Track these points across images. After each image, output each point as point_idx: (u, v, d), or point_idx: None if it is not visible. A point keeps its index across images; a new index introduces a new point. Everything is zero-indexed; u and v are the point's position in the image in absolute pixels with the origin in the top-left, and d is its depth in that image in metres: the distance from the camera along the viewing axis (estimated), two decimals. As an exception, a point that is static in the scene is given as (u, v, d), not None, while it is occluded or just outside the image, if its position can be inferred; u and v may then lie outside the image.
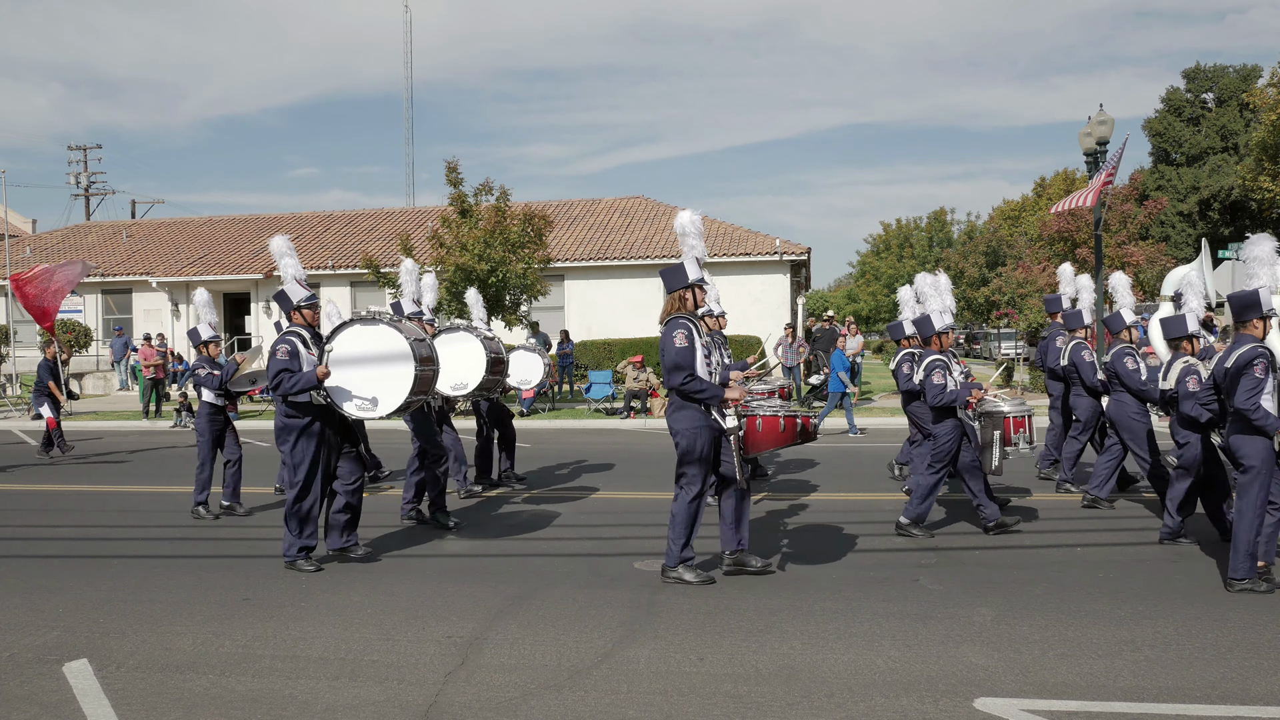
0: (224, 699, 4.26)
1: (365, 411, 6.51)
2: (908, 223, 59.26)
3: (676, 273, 6.07)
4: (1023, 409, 7.71)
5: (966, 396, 7.29)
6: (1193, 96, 47.66)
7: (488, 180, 20.42)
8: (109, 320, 29.58)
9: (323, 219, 33.86)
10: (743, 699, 4.16)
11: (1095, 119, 17.26)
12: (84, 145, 46.86)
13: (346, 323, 6.64)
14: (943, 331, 7.65)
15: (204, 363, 8.80)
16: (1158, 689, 4.20)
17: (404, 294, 8.69)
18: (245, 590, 6.09)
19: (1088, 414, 9.00)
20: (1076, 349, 8.98)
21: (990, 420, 7.65)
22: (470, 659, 4.72)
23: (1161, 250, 29.52)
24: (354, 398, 6.51)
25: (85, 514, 9.19)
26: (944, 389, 7.27)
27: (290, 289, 6.84)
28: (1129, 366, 7.98)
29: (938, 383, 7.30)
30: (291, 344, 6.53)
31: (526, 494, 9.68)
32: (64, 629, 5.31)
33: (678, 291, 6.06)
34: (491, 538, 7.69)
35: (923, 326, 7.79)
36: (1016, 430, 7.63)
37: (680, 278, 6.04)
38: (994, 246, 41.19)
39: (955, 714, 3.96)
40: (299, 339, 6.60)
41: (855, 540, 7.25)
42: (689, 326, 5.87)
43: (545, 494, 9.67)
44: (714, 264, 26.31)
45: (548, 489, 9.94)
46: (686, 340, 5.80)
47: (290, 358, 6.47)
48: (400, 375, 6.46)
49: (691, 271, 6.02)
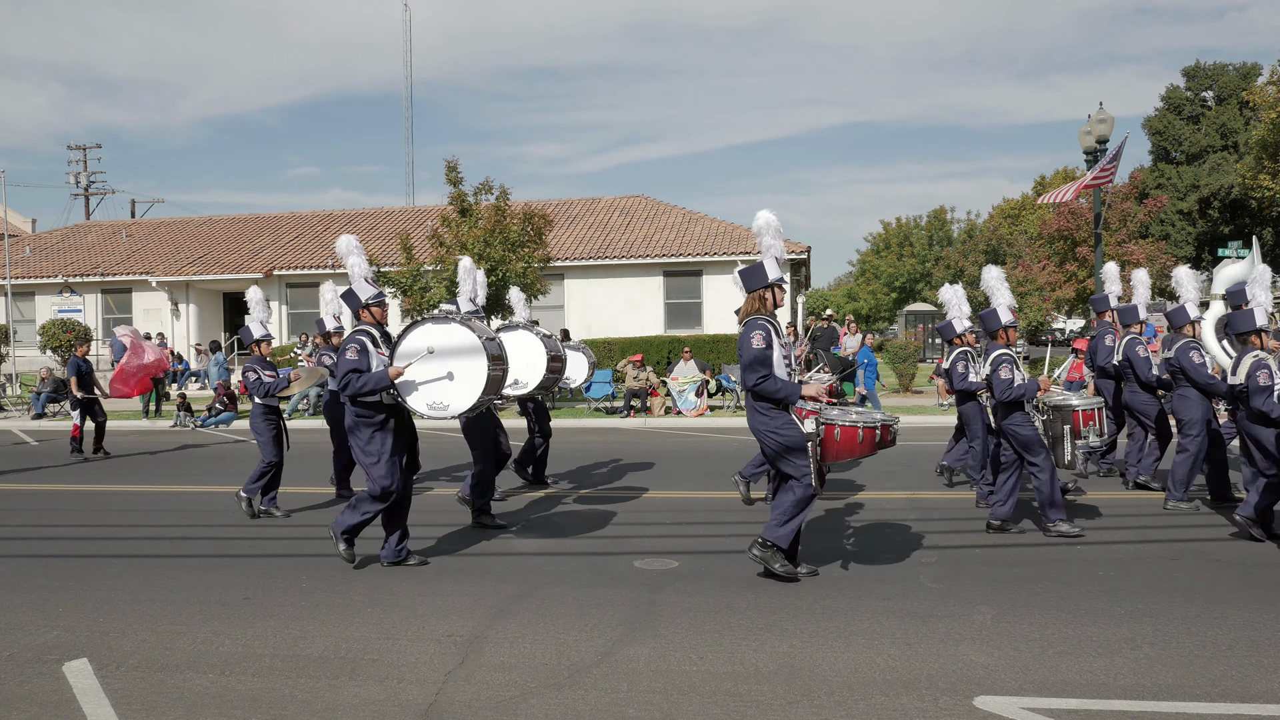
0: (224, 698, 4.26)
1: (437, 412, 6.39)
2: (908, 221, 59.22)
3: (756, 272, 6.00)
4: (1092, 402, 7.59)
5: (1035, 390, 7.25)
6: (1192, 95, 47.66)
7: (487, 179, 20.47)
8: (109, 320, 29.58)
9: (323, 218, 33.88)
10: (743, 697, 4.16)
11: (1095, 117, 17.27)
12: (84, 145, 46.96)
13: (418, 321, 6.54)
14: (1009, 326, 7.60)
15: (256, 364, 8.63)
16: (1158, 687, 4.20)
17: (461, 293, 8.40)
18: (245, 589, 6.09)
19: (1152, 410, 8.89)
20: (1131, 344, 8.88)
21: (1059, 414, 7.51)
22: (470, 658, 4.72)
23: (1161, 249, 29.53)
24: (425, 398, 6.39)
25: (85, 513, 9.19)
26: (1011, 383, 7.18)
27: (358, 287, 6.72)
28: (1195, 360, 7.93)
29: (1005, 377, 7.21)
30: (361, 343, 6.42)
31: (526, 493, 9.67)
32: (64, 628, 5.31)
33: (757, 291, 5.99)
34: (491, 537, 7.69)
35: (989, 321, 7.68)
36: (1086, 423, 7.48)
37: (759, 277, 5.98)
38: (994, 245, 41.20)
39: (955, 712, 3.96)
40: (368, 337, 6.49)
41: (855, 539, 7.25)
42: (768, 327, 5.80)
43: (546, 493, 9.66)
44: (713, 262, 26.34)
45: (548, 488, 9.93)
46: (764, 341, 5.74)
47: (360, 356, 6.36)
48: (473, 375, 6.34)
49: (771, 271, 5.95)
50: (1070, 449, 7.45)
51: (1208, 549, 6.75)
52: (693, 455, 12.24)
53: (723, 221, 28.91)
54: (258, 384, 8.53)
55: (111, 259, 31.30)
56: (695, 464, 11.45)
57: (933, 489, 9.38)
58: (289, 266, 28.74)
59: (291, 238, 31.71)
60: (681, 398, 18.20)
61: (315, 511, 8.83)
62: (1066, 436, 7.46)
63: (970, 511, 8.16)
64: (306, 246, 30.68)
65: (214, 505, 9.42)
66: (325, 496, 9.48)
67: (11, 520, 8.80)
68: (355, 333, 6.53)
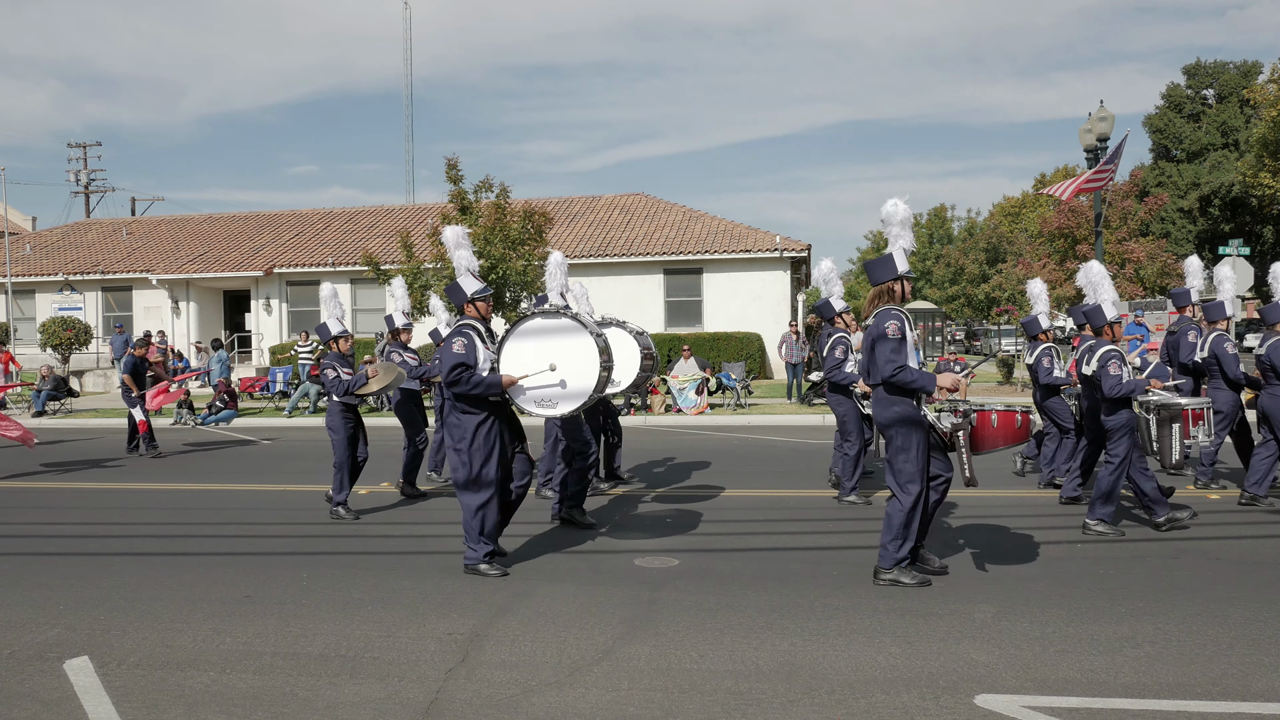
0: (225, 696, 4.26)
1: (546, 409, 6.28)
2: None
3: (884, 264, 5.89)
4: (1201, 402, 7.54)
5: (1145, 387, 7.22)
6: (1193, 93, 47.67)
7: (488, 177, 20.47)
8: (109, 318, 29.59)
9: (323, 216, 33.88)
10: (743, 696, 4.16)
11: (1096, 115, 17.26)
12: (83, 142, 46.90)
13: (527, 315, 6.43)
14: (1115, 322, 7.55)
15: (334, 361, 8.42)
16: (1158, 685, 4.20)
17: (550, 288, 8.16)
18: (246, 587, 6.09)
19: (1229, 407, 8.78)
20: (1219, 341, 8.77)
21: (1167, 413, 7.46)
22: (471, 656, 4.72)
23: (1162, 247, 29.51)
24: (534, 395, 6.27)
25: (86, 511, 9.19)
26: (1121, 380, 7.12)
27: (464, 281, 6.53)
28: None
29: (1114, 374, 7.14)
30: (469, 336, 6.23)
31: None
32: (65, 626, 5.31)
33: (886, 283, 5.90)
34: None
35: (1094, 316, 7.61)
36: (1195, 423, 7.44)
37: (888, 269, 5.87)
38: (994, 243, 41.25)
39: (956, 710, 3.96)
40: (475, 333, 6.30)
41: (855, 537, 7.25)
42: (901, 318, 5.71)
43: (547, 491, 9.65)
44: (714, 261, 26.34)
45: (548, 486, 9.92)
46: (899, 331, 5.65)
47: (468, 351, 6.16)
48: (584, 373, 6.24)
49: (900, 263, 5.85)
50: (1178, 449, 7.39)
51: (1208, 547, 6.75)
52: (693, 453, 12.24)
53: (723, 219, 28.90)
54: (336, 381, 8.34)
55: (112, 257, 31.30)
56: (695, 462, 11.45)
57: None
58: (289, 264, 28.73)
59: (292, 235, 31.70)
60: (682, 395, 18.20)
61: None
62: (1175, 436, 7.39)
63: (970, 510, 8.16)
64: (307, 244, 30.67)
65: (214, 503, 9.43)
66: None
67: (12, 517, 8.80)
68: (462, 326, 6.34)
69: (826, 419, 16.32)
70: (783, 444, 13.34)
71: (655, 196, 31.69)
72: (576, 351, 6.27)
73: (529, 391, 6.31)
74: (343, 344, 8.58)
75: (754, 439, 13.96)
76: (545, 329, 6.38)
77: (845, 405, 8.62)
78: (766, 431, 14.98)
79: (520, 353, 6.36)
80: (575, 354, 6.26)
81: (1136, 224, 28.48)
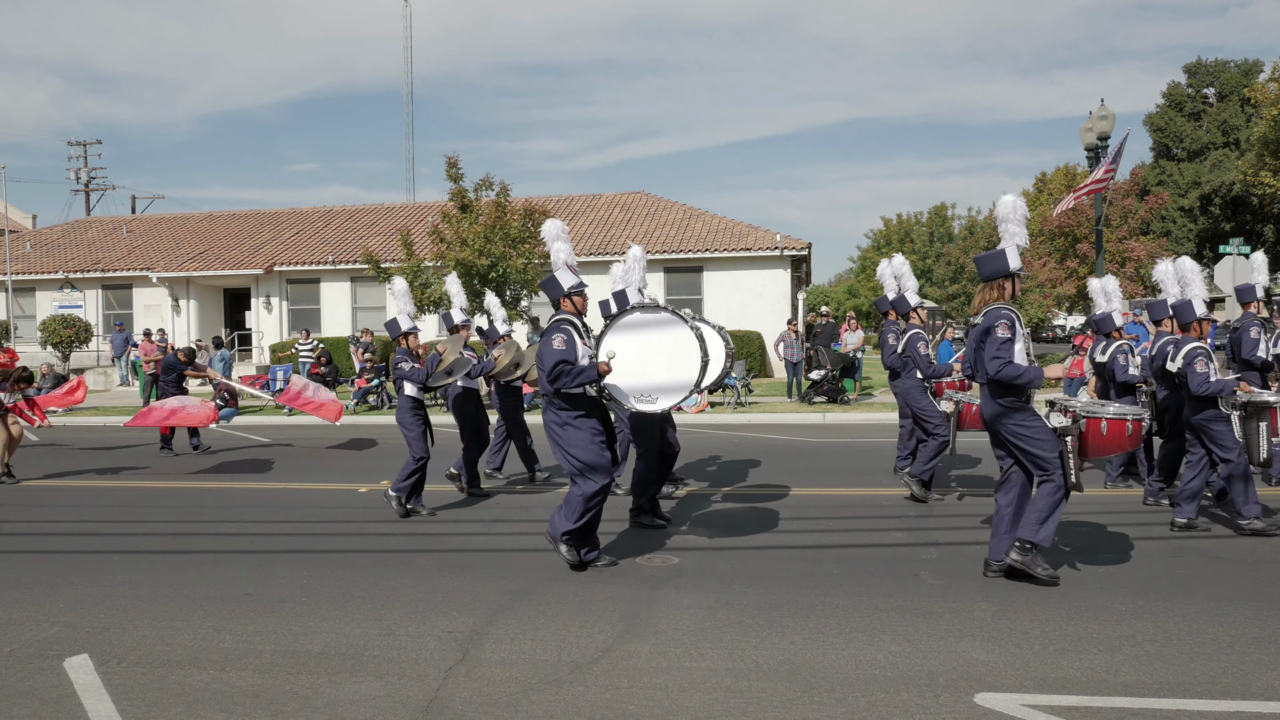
0: (224, 694, 4.26)
1: (645, 404, 6.19)
2: (908, 217, 59.12)
3: (996, 259, 5.79)
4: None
5: (1234, 386, 7.17)
6: (1194, 91, 47.62)
7: (488, 175, 20.43)
8: (109, 316, 29.58)
9: (323, 214, 33.86)
10: (743, 694, 4.16)
11: (1096, 114, 17.24)
12: (84, 140, 47.00)
13: (625, 310, 6.35)
14: (1203, 318, 7.54)
15: (405, 356, 8.36)
16: (1159, 684, 4.20)
17: (630, 282, 7.98)
18: (246, 585, 6.09)
19: None
20: None
21: (1256, 411, 7.40)
22: (471, 654, 4.72)
23: (1163, 245, 29.47)
24: (633, 391, 6.17)
25: (85, 509, 9.19)
26: (1208, 378, 7.09)
27: (561, 275, 6.44)
28: None
29: (1201, 371, 7.09)
30: (568, 332, 6.12)
31: (525, 488, 9.67)
32: (64, 624, 5.31)
33: (996, 280, 5.80)
34: (492, 533, 7.69)
35: (1183, 313, 7.56)
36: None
37: (1000, 264, 5.77)
38: (995, 242, 41.21)
39: (956, 709, 3.96)
40: (573, 328, 6.19)
41: (855, 535, 7.25)
42: (1011, 316, 5.64)
43: (547, 487, 9.66)
44: (714, 259, 26.32)
45: (549, 483, 9.93)
46: (1009, 330, 5.58)
47: (568, 346, 6.04)
48: (684, 367, 6.14)
49: (1013, 259, 5.75)
50: (1266, 446, 7.33)
51: (1209, 546, 6.75)
52: (693, 451, 12.23)
53: (723, 217, 28.88)
54: (414, 371, 8.23)
55: (112, 255, 31.28)
56: (695, 460, 11.44)
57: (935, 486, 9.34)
58: (289, 262, 28.72)
59: (292, 234, 31.69)
60: (682, 394, 18.16)
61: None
62: (1262, 434, 7.33)
63: (970, 508, 8.15)
64: (307, 242, 30.65)
65: (215, 500, 9.43)
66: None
67: (12, 515, 8.80)
68: (560, 321, 6.23)
69: (826, 417, 16.33)
70: (783, 442, 13.33)
71: (655, 195, 31.68)
72: (676, 345, 6.15)
73: (629, 387, 6.18)
74: (412, 340, 8.47)
75: (754, 437, 13.95)
76: (644, 323, 6.26)
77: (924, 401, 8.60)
78: (766, 430, 14.97)
79: (619, 346, 6.22)
80: (675, 347, 6.14)
81: (1137, 223, 28.44)
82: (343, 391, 21.73)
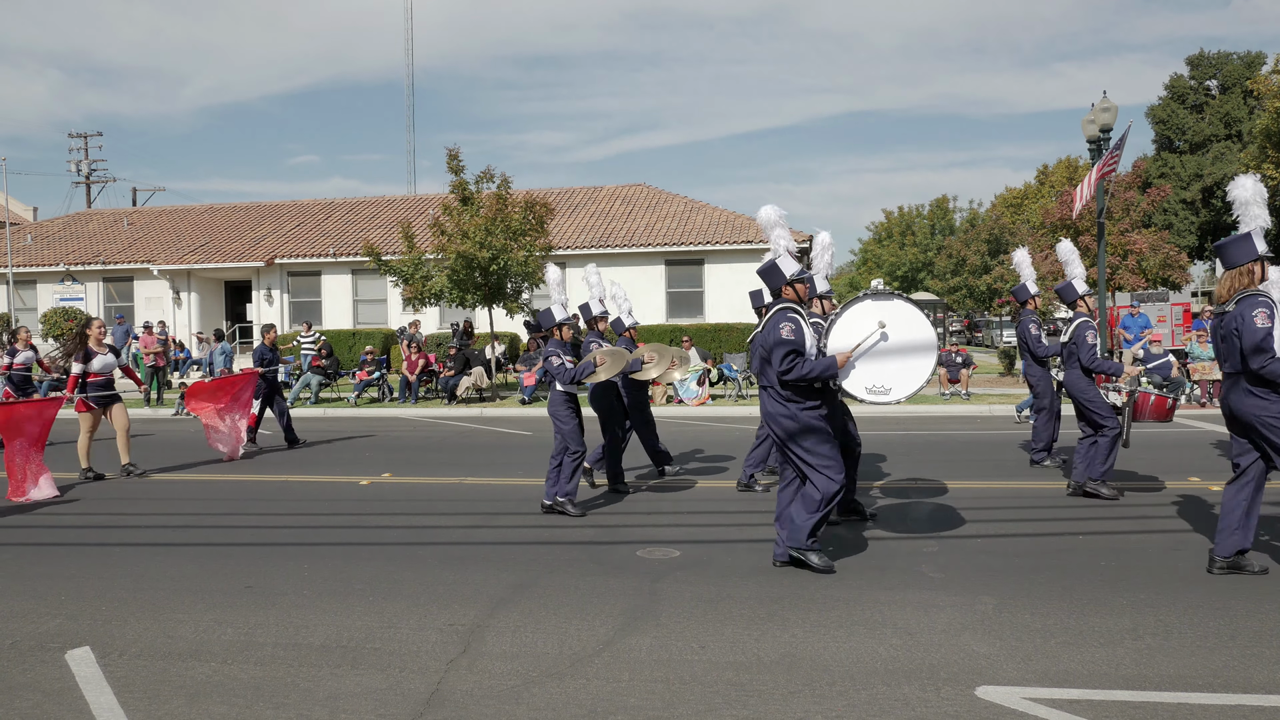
0: (226, 686, 4.27)
1: (876, 396, 5.99)
2: (910, 210, 59.10)
3: (1243, 245, 5.50)
4: None
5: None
6: (1196, 83, 47.47)
7: (489, 168, 20.39)
8: (110, 308, 29.58)
9: (324, 206, 33.83)
10: (744, 687, 4.16)
11: (1099, 106, 17.17)
12: (84, 133, 46.88)
13: (856, 298, 6.17)
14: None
15: (557, 349, 8.08)
16: (1160, 677, 4.20)
17: (816, 269, 7.55)
18: (247, 578, 6.10)
19: None
20: None
21: None
22: (472, 647, 4.73)
23: (1164, 238, 29.41)
24: (864, 381, 5.97)
25: (86, 502, 9.19)
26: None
27: (783, 262, 6.14)
28: None
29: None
30: (795, 322, 5.87)
31: (523, 483, 9.67)
32: (66, 617, 5.32)
33: (1245, 264, 5.51)
34: (493, 525, 7.70)
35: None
36: None
37: (1248, 251, 5.48)
38: (996, 234, 41.10)
39: (957, 702, 3.96)
40: (799, 315, 5.94)
41: (857, 528, 7.25)
42: (1270, 304, 5.37)
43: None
44: (715, 251, 26.30)
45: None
46: (1269, 319, 5.29)
47: (796, 336, 5.81)
48: (920, 356, 5.92)
49: (1259, 244, 5.46)
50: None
51: (1210, 539, 6.73)
52: (694, 444, 12.23)
53: (725, 210, 28.84)
54: (561, 369, 7.97)
55: (113, 247, 31.28)
56: (697, 453, 11.45)
57: (937, 477, 9.35)
58: (290, 255, 28.71)
59: (293, 226, 31.67)
60: (683, 387, 18.19)
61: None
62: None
63: (969, 500, 8.15)
64: (308, 235, 30.64)
65: (216, 493, 9.44)
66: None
67: (13, 509, 8.81)
68: (784, 309, 5.96)
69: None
70: (784, 435, 13.31)
71: (657, 187, 31.63)
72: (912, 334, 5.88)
73: (859, 375, 5.96)
74: (565, 332, 8.26)
75: (755, 430, 13.93)
76: (878, 312, 6.03)
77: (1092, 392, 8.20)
78: (768, 423, 14.94)
79: (850, 334, 5.96)
80: (911, 336, 5.87)
81: (1139, 215, 28.38)
82: (344, 384, 21.74)
